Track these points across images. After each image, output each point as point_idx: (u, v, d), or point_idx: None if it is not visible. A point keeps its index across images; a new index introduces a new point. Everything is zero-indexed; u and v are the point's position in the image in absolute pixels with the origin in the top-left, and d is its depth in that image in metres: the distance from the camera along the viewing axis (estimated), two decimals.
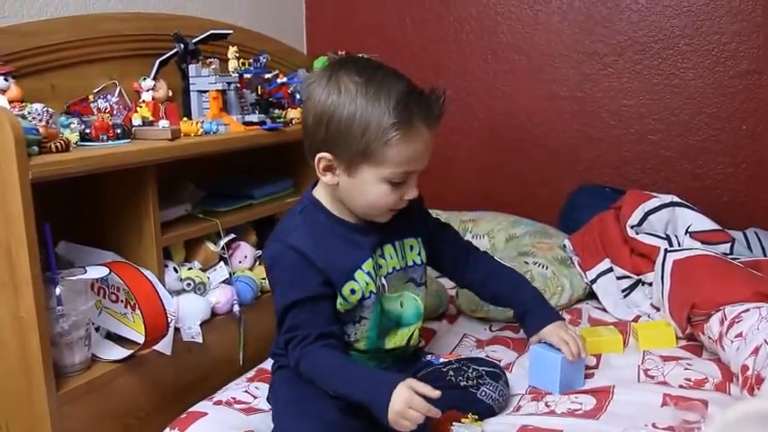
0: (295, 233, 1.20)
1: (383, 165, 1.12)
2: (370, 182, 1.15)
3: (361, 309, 1.24)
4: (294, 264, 1.18)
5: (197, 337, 1.52)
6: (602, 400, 1.26)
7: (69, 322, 1.30)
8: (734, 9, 2.02)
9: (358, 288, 1.22)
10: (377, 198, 1.17)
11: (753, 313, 1.36)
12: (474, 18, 2.33)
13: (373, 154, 1.11)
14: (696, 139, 2.13)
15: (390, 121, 1.10)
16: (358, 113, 1.10)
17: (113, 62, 1.68)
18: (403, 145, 1.11)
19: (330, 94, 1.12)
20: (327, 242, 1.20)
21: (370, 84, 1.11)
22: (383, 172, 1.13)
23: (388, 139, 1.10)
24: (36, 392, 1.22)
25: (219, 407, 1.31)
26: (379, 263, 1.26)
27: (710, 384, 1.33)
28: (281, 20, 2.42)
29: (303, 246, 1.18)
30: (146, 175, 1.43)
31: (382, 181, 1.14)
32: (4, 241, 1.19)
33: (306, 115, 1.18)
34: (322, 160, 1.16)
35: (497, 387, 1.28)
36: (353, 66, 1.15)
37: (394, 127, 1.10)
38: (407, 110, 1.11)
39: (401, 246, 1.31)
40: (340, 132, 1.12)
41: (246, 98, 1.82)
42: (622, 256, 1.80)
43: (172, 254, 1.59)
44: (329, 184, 1.19)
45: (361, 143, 1.11)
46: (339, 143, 1.13)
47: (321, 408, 1.14)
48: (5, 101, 1.29)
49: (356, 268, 1.22)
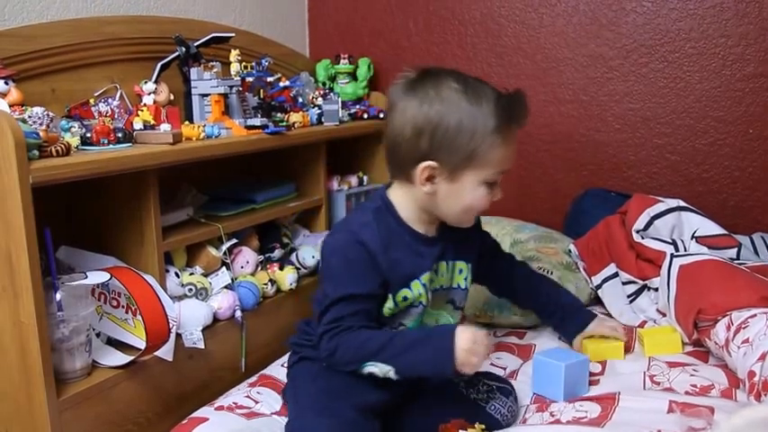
0: (366, 230, 1.20)
1: (485, 167, 1.17)
2: (471, 186, 1.18)
3: (404, 315, 1.25)
4: (359, 259, 1.18)
5: (198, 343, 1.51)
6: (608, 408, 1.24)
7: (70, 328, 1.29)
8: (740, 12, 2.01)
9: (411, 296, 1.23)
10: (474, 201, 1.20)
11: (760, 319, 1.34)
12: (478, 21, 2.32)
13: (477, 157, 1.15)
14: (702, 143, 2.11)
15: (494, 123, 1.14)
16: (465, 120, 1.14)
17: (114, 65, 1.68)
18: (504, 146, 1.17)
19: (432, 103, 1.15)
20: (395, 247, 1.21)
21: (468, 90, 1.15)
22: (484, 174, 1.17)
23: (492, 142, 1.15)
24: (36, 398, 1.22)
25: (221, 412, 1.30)
26: (433, 278, 1.27)
27: (717, 391, 1.32)
28: (284, 23, 2.41)
29: (372, 244, 1.18)
30: (147, 179, 1.43)
31: (481, 183, 1.18)
32: (5, 246, 1.19)
33: (400, 128, 1.18)
34: (426, 169, 1.17)
35: (507, 403, 1.28)
36: (445, 75, 1.18)
37: (497, 129, 1.15)
38: (506, 112, 1.16)
39: (453, 266, 1.32)
40: (447, 140, 1.15)
41: (249, 102, 1.82)
42: (628, 261, 1.79)
43: (173, 259, 1.58)
44: (427, 193, 1.20)
45: (469, 148, 1.15)
46: (445, 150, 1.15)
47: (341, 406, 1.14)
48: (6, 104, 1.29)
49: (414, 278, 1.23)
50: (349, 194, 2.21)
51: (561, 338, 1.58)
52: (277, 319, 1.81)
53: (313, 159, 2.05)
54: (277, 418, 1.32)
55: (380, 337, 1.17)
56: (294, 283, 1.84)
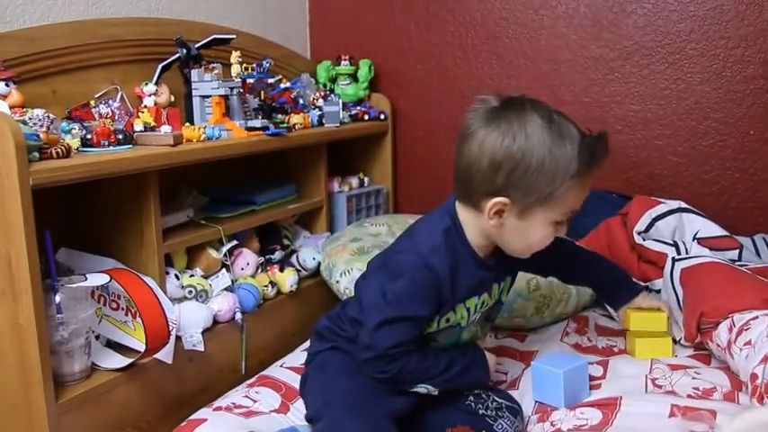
0: (436, 254, 1.17)
1: (558, 207, 1.12)
2: (540, 224, 1.14)
3: (437, 335, 1.25)
4: (426, 283, 1.16)
5: (198, 346, 1.51)
6: (609, 414, 1.23)
7: (69, 330, 1.29)
8: (740, 14, 2.00)
9: (453, 319, 1.24)
10: (540, 239, 1.17)
11: (762, 321, 1.34)
12: (479, 23, 2.32)
13: (554, 199, 1.11)
14: (703, 145, 2.11)
15: (576, 167, 1.09)
16: (548, 161, 1.09)
17: (115, 67, 1.68)
18: (581, 188, 1.13)
19: (516, 139, 1.09)
20: (459, 273, 1.19)
21: (553, 128, 1.10)
22: (555, 214, 1.13)
23: (571, 185, 1.10)
24: (35, 401, 1.21)
25: (219, 412, 1.30)
26: (486, 301, 1.28)
27: (719, 393, 1.31)
28: (285, 25, 2.41)
29: (440, 269, 1.16)
30: (147, 181, 1.43)
31: (550, 223, 1.15)
32: (4, 248, 1.19)
33: (477, 159, 1.13)
34: (497, 205, 1.12)
35: (514, 423, 1.27)
36: (531, 108, 1.13)
37: (579, 172, 1.10)
38: (589, 155, 1.11)
39: (504, 284, 1.32)
40: (526, 179, 1.09)
41: (249, 103, 1.82)
42: (630, 262, 1.78)
43: (173, 261, 1.58)
44: (494, 226, 1.16)
45: (547, 190, 1.10)
46: (522, 188, 1.10)
47: (375, 410, 1.15)
48: (6, 106, 1.29)
49: (460, 302, 1.22)
50: (350, 196, 2.21)
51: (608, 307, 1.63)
52: (278, 322, 1.81)
53: (314, 161, 2.05)
54: (276, 415, 1.32)
55: (438, 364, 1.21)
56: (294, 284, 1.83)
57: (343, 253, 1.90)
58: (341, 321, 1.29)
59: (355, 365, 1.21)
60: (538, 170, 1.09)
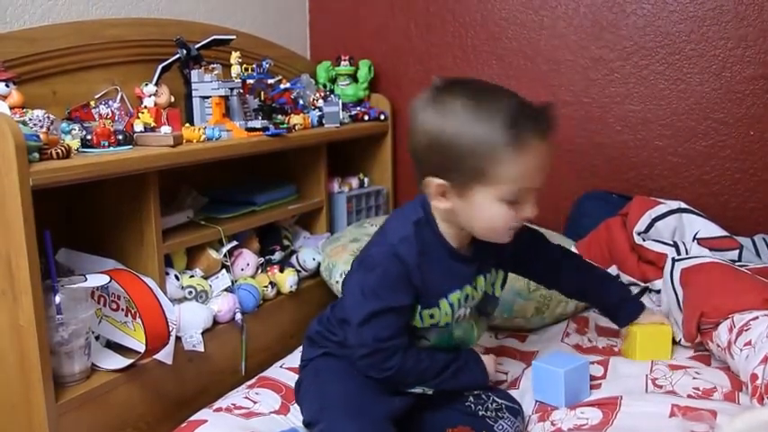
0: (404, 244, 1.17)
1: (499, 183, 1.10)
2: (485, 203, 1.12)
3: (425, 332, 1.25)
4: (395, 273, 1.16)
5: (198, 346, 1.51)
6: (609, 413, 1.23)
7: (69, 331, 1.29)
8: (740, 14, 2.01)
9: (437, 316, 1.22)
10: (492, 219, 1.14)
11: (762, 321, 1.34)
12: (479, 23, 2.32)
13: (485, 174, 1.09)
14: (703, 145, 2.11)
15: (500, 138, 1.07)
16: (467, 135, 1.08)
17: (115, 68, 1.68)
18: (514, 161, 1.08)
19: (437, 117, 1.11)
20: (428, 263, 1.18)
21: (478, 104, 1.09)
22: (497, 191, 1.10)
23: (499, 157, 1.07)
24: (35, 402, 1.21)
25: (219, 414, 1.30)
26: (471, 294, 1.26)
27: (719, 394, 1.31)
28: (285, 25, 2.41)
29: (408, 259, 1.16)
30: (147, 181, 1.43)
31: (497, 201, 1.11)
32: (4, 249, 1.19)
33: (417, 141, 1.15)
34: (438, 187, 1.13)
35: (515, 423, 1.27)
36: (460, 87, 1.13)
37: (504, 144, 1.07)
38: (517, 125, 1.07)
39: (490, 276, 1.30)
40: (451, 156, 1.10)
41: (249, 104, 1.82)
42: (629, 263, 1.79)
43: (173, 261, 1.58)
44: (443, 208, 1.16)
45: (473, 164, 1.09)
46: (452, 168, 1.11)
47: (373, 410, 1.15)
48: (6, 107, 1.29)
49: (443, 297, 1.21)
50: (350, 196, 2.21)
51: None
52: (277, 322, 1.81)
53: (313, 161, 2.05)
54: (276, 417, 1.32)
55: (435, 365, 1.22)
56: (294, 285, 1.83)
57: (342, 253, 1.90)
58: (330, 324, 1.29)
59: (350, 369, 1.21)
60: (460, 149, 1.08)
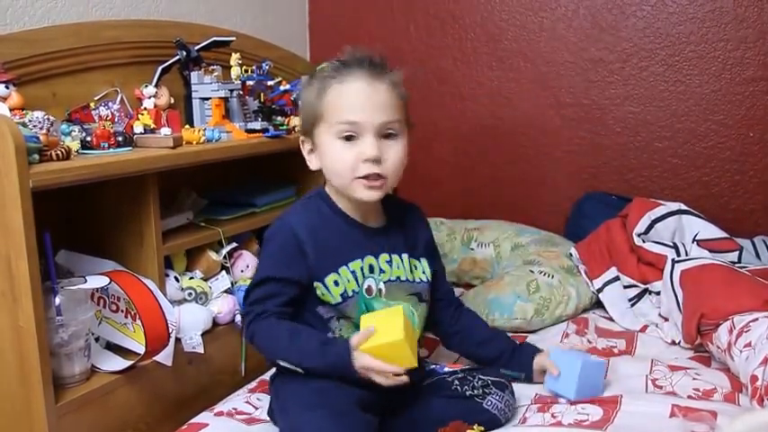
0: (294, 215, 1.26)
1: (329, 118, 1.20)
2: (327, 143, 1.21)
3: (344, 308, 1.24)
4: (286, 243, 1.22)
5: (198, 348, 1.50)
6: (610, 411, 1.24)
7: (69, 332, 1.29)
8: (740, 16, 2.01)
9: (341, 282, 1.23)
10: (335, 160, 1.21)
11: (762, 323, 1.34)
12: (479, 25, 2.32)
13: (319, 111, 1.21)
14: (703, 147, 2.11)
15: (327, 74, 1.21)
16: (310, 87, 1.24)
17: (115, 69, 1.67)
18: (338, 95, 1.20)
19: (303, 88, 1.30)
20: (323, 231, 1.24)
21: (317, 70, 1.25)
22: (332, 128, 1.20)
23: (326, 91, 1.20)
24: (35, 404, 1.21)
25: (221, 418, 1.30)
26: (381, 267, 1.27)
27: (719, 395, 1.31)
28: (284, 27, 2.41)
29: (297, 228, 1.22)
30: (147, 183, 1.42)
31: (335, 137, 1.20)
32: (4, 250, 1.18)
33: None
34: (301, 146, 1.28)
35: (503, 397, 1.27)
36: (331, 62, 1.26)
37: (330, 77, 1.20)
38: (343, 64, 1.21)
39: (409, 261, 1.32)
40: (302, 111, 1.27)
41: (249, 105, 1.82)
42: (629, 264, 1.79)
43: (173, 263, 1.58)
44: (315, 168, 1.26)
45: (312, 109, 1.22)
46: (303, 121, 1.26)
47: (335, 399, 1.13)
48: (6, 109, 1.28)
49: (343, 264, 1.23)
50: None
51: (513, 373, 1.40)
52: None
53: None
54: None
55: (287, 336, 1.18)
56: None
57: None
58: None
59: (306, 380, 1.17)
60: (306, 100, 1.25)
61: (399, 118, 1.22)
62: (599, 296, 1.82)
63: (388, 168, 1.21)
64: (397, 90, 1.23)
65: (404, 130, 1.25)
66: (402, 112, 1.24)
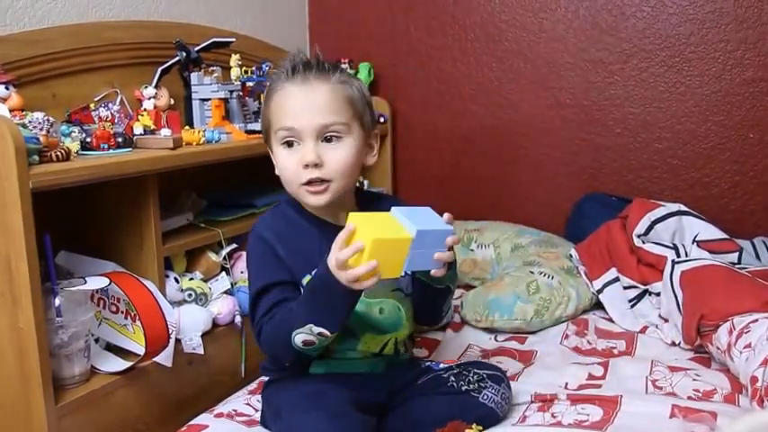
0: (260, 224, 1.25)
1: (274, 125, 1.20)
2: (276, 152, 1.22)
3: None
4: (262, 252, 1.22)
5: (198, 349, 1.50)
6: (610, 411, 1.24)
7: (69, 333, 1.29)
8: (740, 17, 2.01)
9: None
10: (282, 168, 1.22)
11: (762, 324, 1.34)
12: (479, 26, 2.32)
13: (266, 119, 1.22)
14: (703, 148, 2.11)
15: (272, 82, 1.24)
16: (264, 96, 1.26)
17: (115, 70, 1.68)
18: (275, 102, 1.20)
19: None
20: (292, 233, 1.23)
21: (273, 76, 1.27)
22: (276, 136, 1.20)
23: (271, 98, 1.21)
24: (34, 405, 1.21)
25: (221, 419, 1.30)
26: None
27: (719, 396, 1.31)
28: (284, 28, 2.41)
29: (267, 235, 1.21)
30: (147, 184, 1.43)
31: (278, 144, 1.21)
32: (4, 251, 1.18)
33: None
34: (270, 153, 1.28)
35: (500, 390, 1.26)
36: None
37: (272, 84, 1.22)
38: (278, 73, 1.23)
39: None
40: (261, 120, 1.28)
41: (249, 106, 1.82)
42: (629, 265, 1.79)
43: (173, 264, 1.58)
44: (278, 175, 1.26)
45: (263, 116, 1.24)
46: (262, 130, 1.27)
47: (328, 399, 1.12)
48: (6, 110, 1.29)
49: (316, 266, 1.17)
50: None
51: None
52: None
53: None
54: None
55: (287, 312, 1.14)
56: None
57: None
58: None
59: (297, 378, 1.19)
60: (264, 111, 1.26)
61: (343, 120, 1.18)
62: (599, 297, 1.81)
63: (331, 172, 1.17)
64: (342, 91, 1.19)
65: (353, 131, 1.19)
66: (349, 112, 1.19)
